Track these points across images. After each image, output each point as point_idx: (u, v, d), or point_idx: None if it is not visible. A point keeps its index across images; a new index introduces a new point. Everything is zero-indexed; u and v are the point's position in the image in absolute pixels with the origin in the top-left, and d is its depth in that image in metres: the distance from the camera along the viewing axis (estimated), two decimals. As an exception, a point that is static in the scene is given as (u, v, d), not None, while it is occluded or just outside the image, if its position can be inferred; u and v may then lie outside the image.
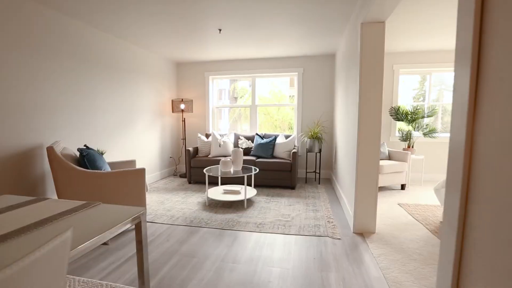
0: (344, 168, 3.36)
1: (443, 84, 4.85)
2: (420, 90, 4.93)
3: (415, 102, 4.87)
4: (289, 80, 5.48)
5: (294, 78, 5.46)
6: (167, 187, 4.32)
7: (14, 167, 2.48)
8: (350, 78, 3.06)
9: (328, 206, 3.40)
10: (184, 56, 4.87)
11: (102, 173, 2.42)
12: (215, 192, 3.61)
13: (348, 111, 3.20)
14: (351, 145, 2.92)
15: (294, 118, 5.14)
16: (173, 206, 3.39)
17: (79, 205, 1.24)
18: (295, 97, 5.10)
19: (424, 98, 4.88)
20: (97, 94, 3.48)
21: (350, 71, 3.06)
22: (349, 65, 3.16)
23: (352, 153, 2.84)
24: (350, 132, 2.98)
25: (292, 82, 5.52)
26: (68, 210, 1.18)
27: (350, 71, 3.10)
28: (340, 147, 3.80)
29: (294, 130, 5.16)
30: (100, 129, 3.52)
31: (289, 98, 5.38)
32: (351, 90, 2.98)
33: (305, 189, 4.25)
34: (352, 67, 2.96)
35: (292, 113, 5.41)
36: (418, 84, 4.94)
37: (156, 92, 4.77)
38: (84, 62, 3.25)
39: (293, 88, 5.45)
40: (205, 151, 4.66)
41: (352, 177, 2.80)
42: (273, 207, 3.35)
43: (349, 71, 3.13)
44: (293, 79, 5.47)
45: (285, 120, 5.72)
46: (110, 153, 3.68)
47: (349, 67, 3.17)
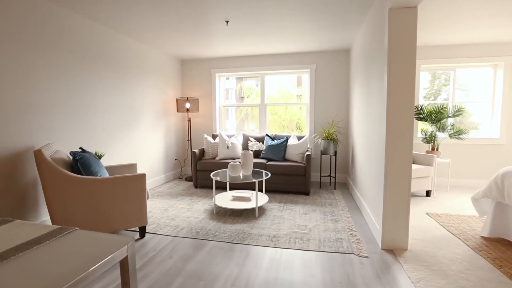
0: (365, 173, 3.03)
1: (456, 83, 4.44)
2: (430, 89, 4.55)
3: (425, 101, 4.50)
4: (296, 79, 5.16)
5: (301, 78, 5.14)
6: (172, 192, 4.04)
7: (1, 172, 2.22)
8: (373, 74, 2.73)
9: (348, 216, 3.07)
10: (189, 53, 4.59)
11: (97, 179, 2.14)
12: (223, 198, 3.31)
13: (369, 110, 2.87)
14: (375, 148, 2.59)
15: (306, 118, 4.82)
16: (178, 214, 3.10)
17: (49, 233, 0.95)
18: (307, 95, 4.78)
19: (435, 97, 4.51)
20: (97, 93, 3.21)
21: (372, 66, 2.73)
22: (370, 59, 2.83)
23: (377, 157, 2.51)
24: (373, 134, 2.65)
25: (300, 81, 5.21)
26: (32, 240, 0.89)
27: (372, 66, 2.76)
28: (359, 150, 3.46)
29: (306, 131, 4.84)
30: (100, 129, 3.26)
31: (296, 98, 5.07)
32: (374, 88, 2.64)
33: (320, 195, 3.93)
34: (374, 61, 2.63)
35: (300, 113, 5.08)
36: (429, 83, 4.55)
37: (160, 91, 4.50)
38: (83, 58, 2.98)
39: (300, 87, 5.14)
40: (212, 153, 4.37)
41: (378, 184, 2.47)
42: (287, 216, 3.04)
43: (371, 66, 2.80)
44: (301, 79, 5.16)
45: (292, 120, 5.42)
46: (110, 155, 3.41)
47: (370, 62, 2.83)
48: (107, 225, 2.23)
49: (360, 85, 3.52)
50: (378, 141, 2.50)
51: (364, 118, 3.17)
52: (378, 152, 2.50)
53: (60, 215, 2.05)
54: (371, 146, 2.78)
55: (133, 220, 2.35)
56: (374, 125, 2.65)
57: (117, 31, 3.46)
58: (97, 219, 2.19)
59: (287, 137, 4.27)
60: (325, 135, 4.21)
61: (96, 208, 2.17)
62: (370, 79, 2.90)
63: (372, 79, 2.78)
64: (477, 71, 4.37)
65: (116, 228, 2.28)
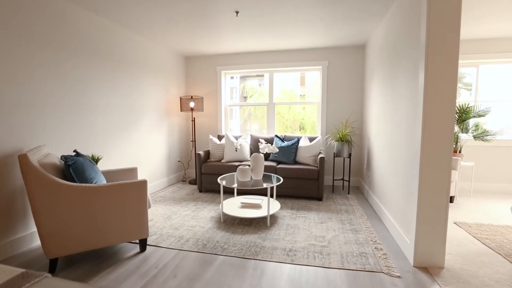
0: (388, 179, 2.75)
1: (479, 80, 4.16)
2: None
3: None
4: (300, 79, 4.90)
5: (305, 77, 4.87)
6: (175, 197, 3.78)
7: (-16, 179, 1.97)
8: (399, 72, 2.45)
9: (367, 225, 2.79)
10: (194, 48, 4.33)
11: (92, 187, 1.88)
12: (231, 205, 3.05)
13: (394, 110, 2.60)
14: (402, 151, 2.32)
15: (317, 118, 4.54)
16: (182, 222, 2.84)
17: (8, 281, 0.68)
18: (312, 95, 4.50)
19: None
20: (95, 91, 2.96)
21: (399, 63, 2.45)
22: (395, 56, 2.55)
23: (406, 161, 2.23)
24: (400, 136, 2.37)
25: (303, 81, 4.94)
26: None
27: (398, 63, 2.49)
28: (378, 152, 3.19)
29: (317, 132, 4.56)
30: (98, 131, 3.01)
31: (300, 98, 4.81)
32: (402, 86, 2.37)
33: (333, 200, 3.65)
34: (402, 58, 2.35)
35: (303, 113, 4.81)
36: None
37: (163, 89, 4.25)
38: (80, 53, 2.73)
39: (303, 87, 4.88)
40: (218, 155, 4.11)
41: (408, 192, 2.20)
42: (302, 225, 2.77)
43: (397, 63, 2.52)
44: (304, 78, 4.89)
45: (296, 120, 5.17)
46: (108, 159, 3.16)
47: (395, 58, 2.56)
48: (103, 238, 1.98)
49: (380, 83, 3.25)
50: (408, 144, 2.23)
51: (387, 119, 2.89)
52: (408, 156, 2.23)
53: (48, 228, 1.80)
54: (397, 149, 2.51)
55: (133, 232, 2.09)
56: (402, 127, 2.37)
57: (118, 24, 3.20)
58: (91, 232, 1.93)
59: (298, 138, 4.00)
60: (339, 136, 3.94)
61: (91, 219, 1.92)
62: (395, 77, 2.63)
63: (399, 77, 2.50)
64: (502, 67, 4.07)
65: (114, 241, 2.02)
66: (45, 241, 1.81)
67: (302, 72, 4.80)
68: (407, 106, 2.26)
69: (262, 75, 4.99)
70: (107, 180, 2.52)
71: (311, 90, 4.78)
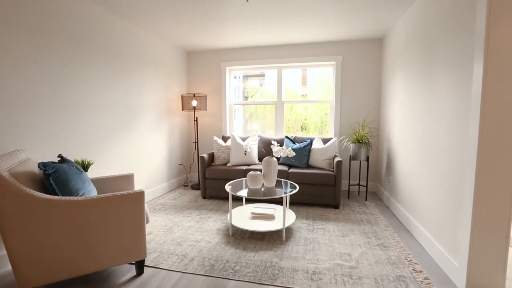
0: (420, 188, 2.41)
1: None
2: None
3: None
4: (301, 78, 4.59)
5: (307, 76, 4.55)
6: (177, 204, 3.44)
7: None
8: (439, 63, 2.12)
9: (396, 238, 2.45)
10: (196, 42, 3.99)
11: (77, 201, 1.54)
12: (241, 215, 2.71)
13: (430, 109, 2.26)
14: (445, 158, 1.98)
15: (330, 118, 4.20)
16: (185, 236, 2.50)
17: None
18: (332, 92, 4.16)
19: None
20: (88, 87, 2.62)
21: (438, 52, 2.12)
22: (431, 47, 2.21)
23: (450, 169, 1.90)
24: (441, 140, 2.03)
25: (305, 80, 4.63)
26: None
27: (437, 53, 2.15)
28: (404, 157, 2.85)
29: (330, 132, 4.22)
30: (90, 132, 2.66)
31: (301, 97, 4.49)
32: (442, 80, 2.03)
33: (351, 208, 3.31)
34: (445, 46, 2.02)
35: (306, 113, 4.48)
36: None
37: (163, 86, 3.90)
38: (72, 45, 2.39)
39: (305, 87, 4.57)
40: (223, 158, 3.77)
41: (455, 205, 1.86)
42: (322, 240, 2.43)
43: (435, 53, 2.19)
44: (306, 78, 4.57)
45: (298, 120, 4.86)
46: (101, 164, 2.82)
47: (431, 50, 2.22)
48: (91, 263, 1.64)
49: (406, 80, 2.91)
50: (453, 150, 1.89)
51: (417, 119, 2.55)
52: (452, 163, 1.88)
53: (22, 253, 1.46)
54: (434, 155, 2.16)
55: (128, 252, 1.75)
56: (442, 129, 2.03)
57: (114, 13, 2.86)
58: (77, 255, 1.59)
59: (311, 139, 3.66)
60: (355, 137, 3.60)
61: (76, 240, 1.57)
62: (430, 71, 2.29)
63: (437, 71, 2.16)
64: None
65: (105, 265, 1.68)
66: (18, 269, 1.46)
67: (304, 72, 4.50)
68: (450, 105, 1.92)
69: (263, 74, 4.70)
70: (99, 190, 2.18)
71: (313, 89, 4.47)
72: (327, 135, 4.34)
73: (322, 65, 4.19)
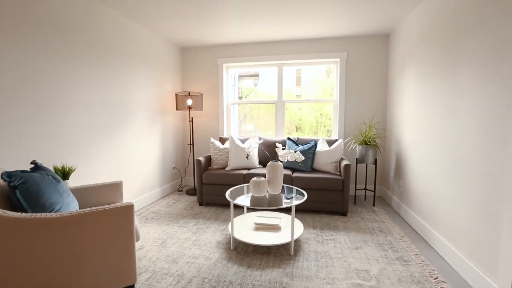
0: (440, 194, 2.20)
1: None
2: None
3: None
4: (296, 78, 4.38)
5: (301, 77, 4.34)
6: (171, 212, 3.15)
7: None
8: (465, 58, 1.91)
9: (415, 251, 2.23)
10: (191, 37, 3.71)
11: (49, 218, 1.26)
12: (243, 225, 2.45)
13: (453, 109, 2.05)
14: (473, 163, 1.76)
15: (334, 118, 3.98)
16: (181, 251, 2.22)
17: None
18: (336, 91, 3.94)
19: None
20: (73, 84, 2.33)
21: (464, 46, 1.91)
22: (454, 38, 2.00)
23: (480, 176, 1.68)
24: (468, 143, 1.82)
25: (299, 80, 4.42)
26: None
27: (462, 47, 1.94)
28: (419, 160, 2.64)
29: (334, 134, 4.00)
30: (74, 134, 2.36)
31: (296, 97, 4.28)
32: (470, 77, 1.82)
33: (360, 214, 3.09)
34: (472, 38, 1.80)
35: (301, 114, 4.27)
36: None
37: (155, 84, 3.61)
38: (55, 37, 2.09)
39: (300, 87, 4.36)
40: (221, 161, 3.50)
41: (487, 217, 1.64)
42: (334, 253, 2.19)
43: (460, 47, 1.98)
44: (300, 78, 4.36)
45: (293, 120, 4.65)
46: (86, 169, 2.52)
47: (456, 42, 2.01)
48: (69, 293, 1.35)
49: (420, 77, 2.70)
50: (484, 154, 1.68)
51: (436, 120, 2.34)
52: (484, 170, 1.67)
53: (-22, 288, 1.17)
54: (458, 159, 1.95)
55: (115, 278, 1.47)
56: (470, 131, 1.81)
57: (103, 2, 2.57)
58: (53, 284, 1.30)
59: (315, 141, 3.42)
60: (362, 139, 3.38)
61: (51, 266, 1.29)
62: (452, 68, 2.08)
63: (463, 67, 1.95)
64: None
65: (85, 294, 1.40)
66: (-27, 306, 1.17)
67: (298, 72, 4.29)
68: (477, 104, 1.70)
69: (257, 74, 4.45)
70: (81, 202, 1.89)
71: (308, 89, 4.25)
72: (322, 135, 4.12)
73: (325, 62, 3.96)
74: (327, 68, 4.11)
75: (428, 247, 2.32)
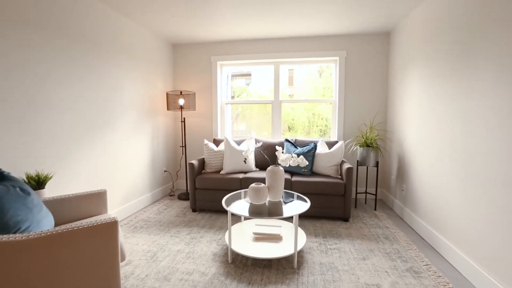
0: (452, 200, 2.07)
1: None
2: None
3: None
4: (288, 78, 4.24)
5: (293, 76, 4.20)
6: (162, 220, 2.93)
7: None
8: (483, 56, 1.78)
9: (424, 260, 2.10)
10: (184, 33, 3.49)
11: (12, 241, 1.04)
12: (240, 235, 2.26)
13: (466, 110, 1.92)
14: (494, 168, 1.63)
15: (333, 119, 3.84)
16: (174, 265, 2.02)
17: None
18: (335, 91, 3.80)
19: None
20: (48, 78, 2.08)
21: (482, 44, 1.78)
22: (468, 36, 1.87)
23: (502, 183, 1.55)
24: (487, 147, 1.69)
25: (291, 80, 4.28)
26: None
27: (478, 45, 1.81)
28: (428, 164, 2.51)
29: (333, 135, 3.86)
30: (51, 136, 2.12)
31: (289, 97, 4.13)
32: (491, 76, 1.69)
33: (362, 220, 2.95)
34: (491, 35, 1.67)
35: (293, 113, 4.12)
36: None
37: (145, 82, 3.38)
38: (34, 28, 1.85)
39: (292, 87, 4.22)
40: (216, 164, 3.29)
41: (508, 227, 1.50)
42: (340, 265, 2.03)
43: (476, 45, 1.85)
44: (292, 78, 4.22)
45: (286, 120, 4.51)
46: (66, 176, 2.28)
47: (471, 38, 1.88)
48: (39, 329, 1.13)
49: (426, 77, 2.58)
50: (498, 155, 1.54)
51: (447, 122, 2.21)
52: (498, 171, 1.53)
53: None
54: (473, 161, 1.82)
55: (95, 306, 1.26)
56: (483, 133, 1.68)
57: (80, -11, 2.33)
58: (15, 320, 1.08)
59: (314, 143, 3.26)
60: (363, 140, 3.24)
61: (14, 298, 1.07)
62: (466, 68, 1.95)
63: (479, 67, 1.81)
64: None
65: (60, 327, 1.18)
66: None
67: (290, 72, 4.14)
68: (505, 106, 1.57)
69: (249, 74, 4.30)
70: (57, 216, 1.66)
71: (300, 89, 4.11)
72: (315, 135, 3.98)
73: (324, 61, 3.81)
74: (319, 68, 3.97)
75: (437, 256, 2.19)
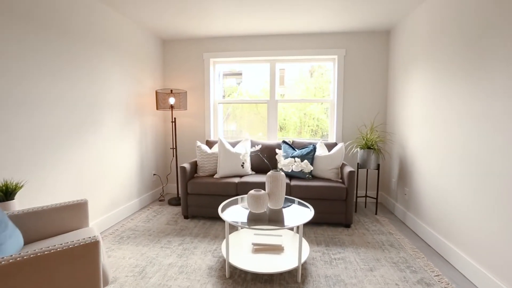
0: (462, 207, 1.95)
1: None
2: None
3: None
4: (279, 78, 4.11)
5: (284, 76, 4.06)
6: (151, 228, 2.71)
7: None
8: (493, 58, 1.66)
9: (434, 269, 1.98)
10: (175, 28, 3.28)
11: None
12: (238, 246, 2.08)
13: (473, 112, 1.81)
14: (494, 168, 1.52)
15: (332, 119, 3.70)
16: (164, 283, 1.81)
17: None
18: (334, 91, 3.67)
19: None
20: (27, 77, 1.84)
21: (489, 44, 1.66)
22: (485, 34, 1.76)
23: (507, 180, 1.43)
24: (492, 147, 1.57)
25: (282, 80, 4.15)
26: None
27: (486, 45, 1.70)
28: (435, 168, 2.40)
29: (331, 137, 3.73)
30: (27, 138, 1.88)
31: (280, 97, 4.01)
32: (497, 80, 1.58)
33: (364, 225, 2.82)
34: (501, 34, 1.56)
35: (285, 113, 3.98)
36: None
37: (133, 80, 3.14)
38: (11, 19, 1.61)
39: (283, 87, 4.10)
40: (209, 168, 3.10)
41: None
42: (347, 277, 1.88)
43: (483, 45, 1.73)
44: (283, 78, 4.09)
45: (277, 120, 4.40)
46: (40, 185, 2.03)
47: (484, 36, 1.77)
48: None
49: (430, 77, 2.47)
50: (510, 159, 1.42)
51: (455, 124, 2.10)
52: None
53: None
54: (484, 165, 1.70)
55: None
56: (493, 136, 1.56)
57: (59, -26, 2.09)
58: None
59: (313, 145, 3.11)
60: (364, 142, 3.12)
61: None
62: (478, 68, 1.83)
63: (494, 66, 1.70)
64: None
65: None
66: None
67: (281, 71, 4.00)
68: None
69: (240, 73, 4.14)
70: (28, 233, 1.43)
71: (291, 89, 3.98)
72: (306, 135, 3.85)
73: (322, 59, 3.68)
74: (311, 68, 3.84)
75: (447, 265, 2.07)
